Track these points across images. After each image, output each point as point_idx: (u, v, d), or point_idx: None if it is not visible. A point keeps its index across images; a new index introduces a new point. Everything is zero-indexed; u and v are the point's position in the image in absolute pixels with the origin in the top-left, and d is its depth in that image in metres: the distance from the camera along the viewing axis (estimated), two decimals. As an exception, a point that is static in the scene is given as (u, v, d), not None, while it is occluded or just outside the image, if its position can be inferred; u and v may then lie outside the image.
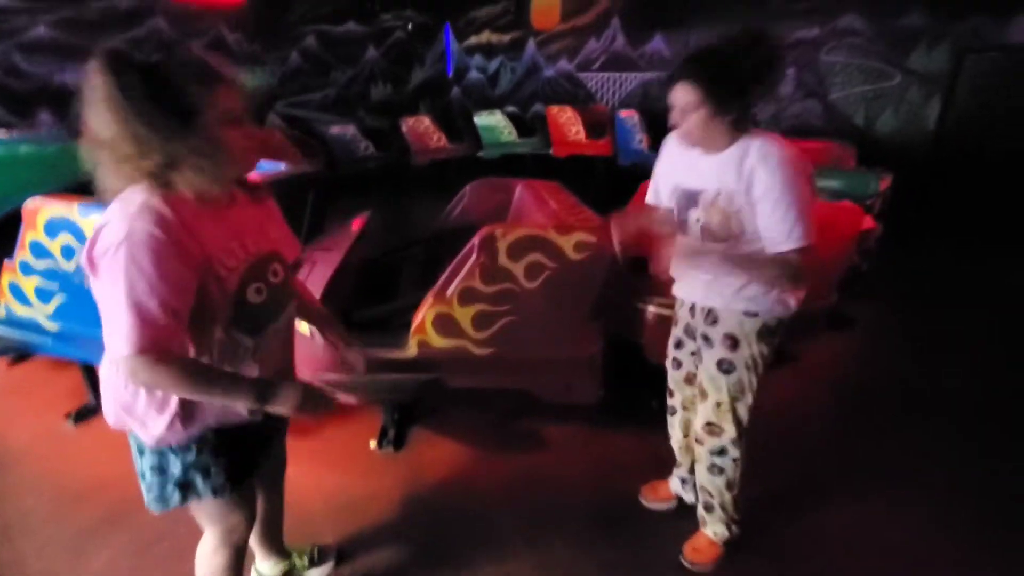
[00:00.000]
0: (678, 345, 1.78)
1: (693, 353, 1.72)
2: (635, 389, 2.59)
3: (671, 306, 2.32)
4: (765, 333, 1.51)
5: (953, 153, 6.08)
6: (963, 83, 5.97)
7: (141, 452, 1.14)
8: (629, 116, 7.24)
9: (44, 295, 2.20)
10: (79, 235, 2.01)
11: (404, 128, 7.92)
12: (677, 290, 1.72)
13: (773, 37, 1.38)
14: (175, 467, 1.12)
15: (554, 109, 8.02)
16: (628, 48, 8.81)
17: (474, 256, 1.93)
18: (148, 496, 1.16)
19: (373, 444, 2.33)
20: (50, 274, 2.15)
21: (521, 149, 8.32)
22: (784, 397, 2.69)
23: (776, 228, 1.32)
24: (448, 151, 8.17)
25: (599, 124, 7.77)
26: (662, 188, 1.63)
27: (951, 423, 2.54)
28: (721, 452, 1.65)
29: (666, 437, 1.96)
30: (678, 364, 1.81)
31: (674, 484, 2.01)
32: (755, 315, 1.50)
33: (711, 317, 1.58)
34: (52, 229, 2.07)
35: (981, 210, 5.66)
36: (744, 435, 1.63)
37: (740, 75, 1.35)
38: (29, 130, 6.00)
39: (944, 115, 6.12)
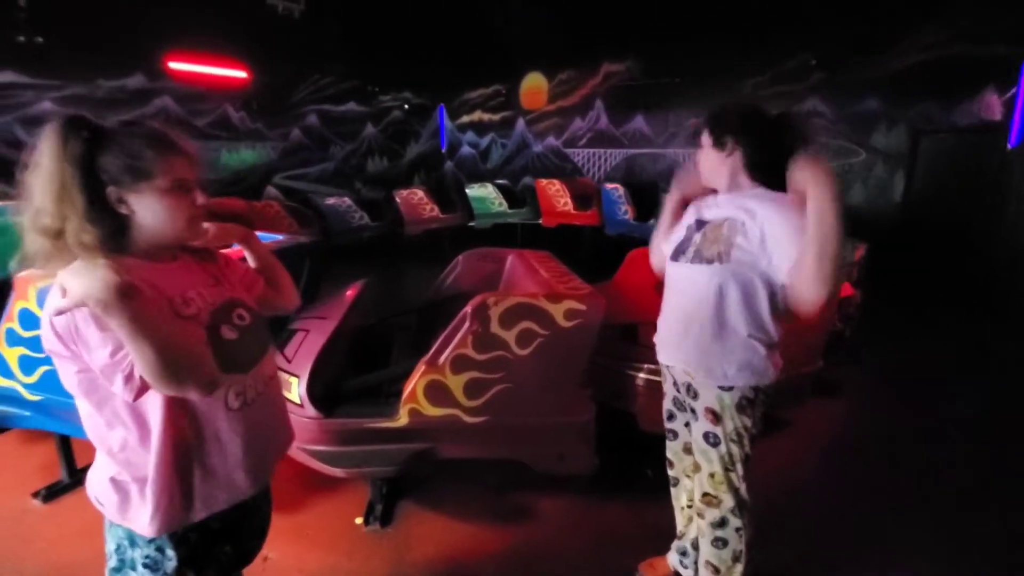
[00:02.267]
0: (670, 417, 1.78)
1: (686, 424, 1.72)
2: (630, 458, 2.55)
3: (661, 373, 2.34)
4: (744, 405, 1.51)
5: (919, 224, 6.42)
6: (921, 161, 6.43)
7: (133, 543, 1.06)
8: (614, 188, 7.58)
9: (28, 365, 2.16)
10: (73, 304, 2.01)
11: (398, 199, 8.18)
12: (660, 355, 1.72)
13: (800, 121, 1.56)
14: (170, 563, 1.06)
15: (543, 181, 8.38)
16: (611, 127, 9.38)
17: (467, 324, 1.95)
18: None
19: (359, 520, 2.23)
20: (37, 344, 2.12)
21: (512, 219, 8.59)
22: (778, 464, 2.64)
23: (794, 246, 1.36)
24: (441, 221, 8.40)
25: (586, 196, 8.10)
26: (681, 226, 1.71)
27: (937, 485, 2.52)
28: (722, 523, 1.61)
29: (664, 507, 1.92)
30: (674, 435, 1.80)
31: (672, 559, 1.94)
32: (730, 389, 1.50)
33: (691, 391, 1.59)
34: (44, 299, 2.08)
35: (947, 275, 5.90)
36: (744, 505, 1.60)
37: (748, 128, 1.51)
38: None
39: (908, 189, 6.52)
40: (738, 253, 1.43)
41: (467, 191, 8.81)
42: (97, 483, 1.08)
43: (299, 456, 2.08)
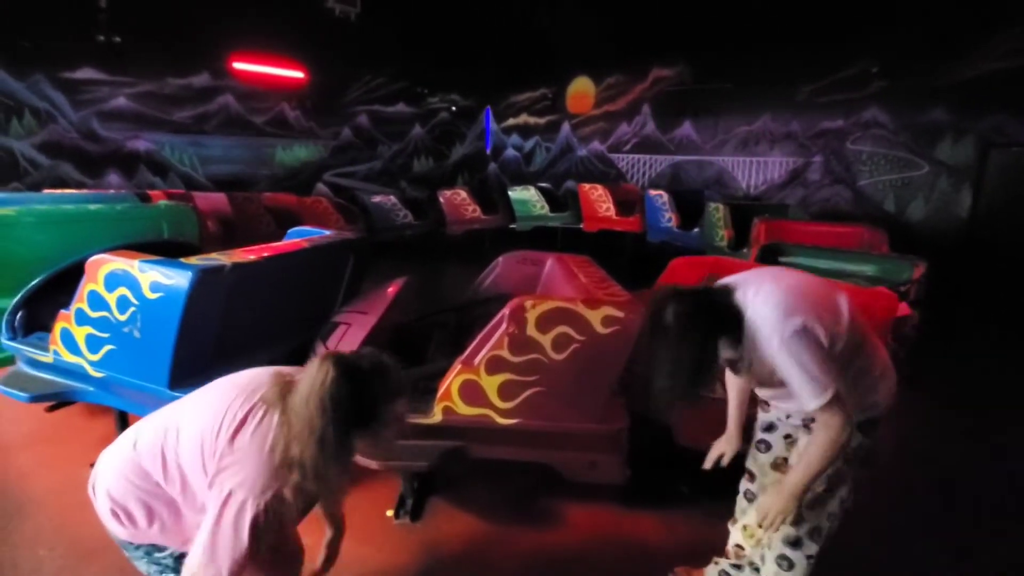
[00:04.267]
0: (768, 428, 1.70)
1: (787, 436, 1.63)
2: (663, 472, 2.49)
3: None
4: (866, 426, 1.48)
5: (986, 242, 6.01)
6: (991, 175, 6.01)
7: (157, 550, 1.24)
8: (658, 195, 7.45)
9: (94, 344, 2.31)
10: (136, 289, 2.14)
11: (441, 199, 8.31)
12: (759, 393, 1.66)
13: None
14: (166, 560, 1.23)
15: (586, 186, 8.33)
16: (658, 133, 9.22)
17: (504, 326, 1.96)
18: None
19: (390, 513, 2.28)
20: (103, 324, 2.27)
21: (553, 223, 8.58)
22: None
23: (802, 393, 1.31)
24: (482, 222, 8.48)
25: (629, 202, 8.01)
26: None
27: (995, 518, 2.35)
28: (796, 543, 1.53)
29: (697, 524, 1.86)
30: (767, 447, 1.71)
31: (710, 573, 1.88)
32: None
33: (805, 419, 1.56)
34: (112, 282, 2.21)
35: (1015, 297, 5.49)
36: (823, 532, 1.53)
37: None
38: (99, 190, 6.52)
39: (975, 205, 6.11)
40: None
41: (509, 193, 8.86)
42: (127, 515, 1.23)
43: (336, 446, 2.14)
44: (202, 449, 1.13)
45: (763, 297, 1.37)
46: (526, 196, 8.71)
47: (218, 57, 7.95)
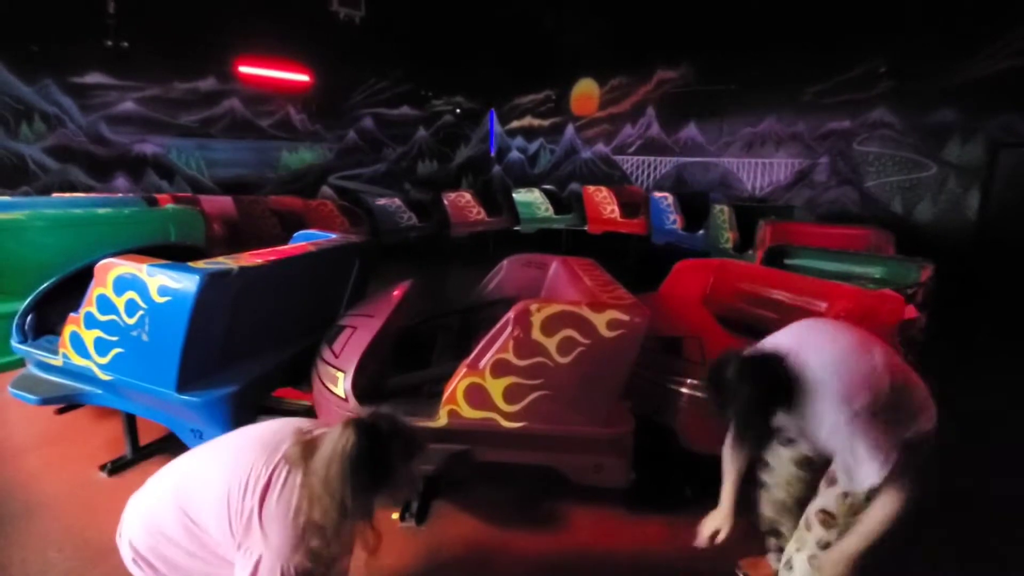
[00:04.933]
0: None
1: None
2: (668, 475, 2.49)
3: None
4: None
5: (995, 243, 5.95)
6: (1000, 176, 5.95)
7: None
8: (663, 197, 7.43)
9: (103, 347, 2.33)
10: (144, 293, 2.16)
11: (446, 201, 8.32)
12: None
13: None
14: None
15: (590, 188, 8.32)
16: (662, 134, 9.21)
17: (509, 329, 1.97)
18: None
19: (395, 516, 2.28)
20: (112, 327, 2.29)
21: (557, 225, 8.58)
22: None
23: (867, 473, 1.36)
24: (486, 224, 8.49)
25: (634, 204, 7.99)
26: None
27: (987, 529, 2.32)
28: (827, 546, 1.53)
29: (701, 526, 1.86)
30: (791, 441, 1.74)
31: (774, 561, 1.91)
32: None
33: None
34: (120, 286, 2.23)
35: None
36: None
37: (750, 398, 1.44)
38: (107, 194, 6.57)
39: (984, 206, 6.06)
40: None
41: (514, 196, 8.87)
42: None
43: (341, 449, 2.15)
44: (228, 507, 1.17)
45: (824, 370, 1.39)
46: (530, 198, 8.72)
47: (224, 61, 8.01)
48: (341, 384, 2.09)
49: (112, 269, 2.25)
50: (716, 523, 1.73)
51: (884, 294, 2.82)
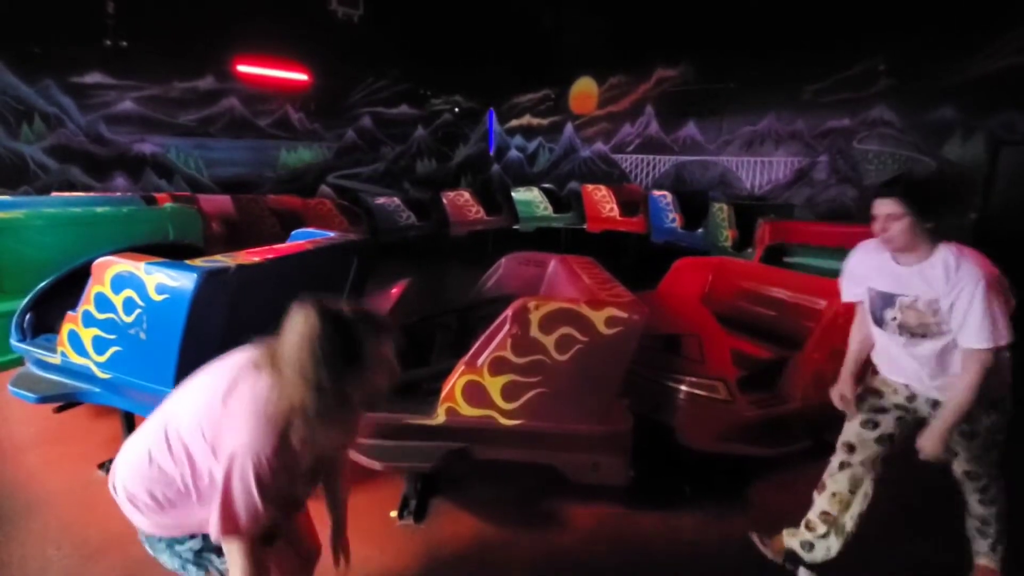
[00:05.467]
0: (880, 411, 1.86)
1: (899, 418, 1.82)
2: (667, 473, 2.49)
3: (705, 387, 2.28)
4: (988, 406, 1.70)
5: (996, 241, 5.94)
6: (1001, 173, 5.95)
7: (178, 542, 1.26)
8: (662, 195, 7.43)
9: (101, 345, 2.33)
10: (142, 291, 2.16)
11: (445, 200, 8.32)
12: (892, 376, 1.84)
13: (956, 176, 1.72)
14: (187, 553, 1.24)
15: (589, 187, 8.32)
16: (661, 133, 9.21)
17: (507, 327, 1.96)
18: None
19: (393, 514, 2.28)
20: (109, 325, 2.28)
21: (556, 224, 8.57)
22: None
23: (973, 330, 1.56)
24: (486, 223, 8.49)
25: (633, 202, 7.99)
26: (855, 286, 1.88)
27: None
28: (984, 489, 1.84)
29: (702, 525, 1.87)
30: (875, 425, 1.85)
31: (792, 542, 1.97)
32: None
33: (938, 404, 1.73)
34: (118, 284, 2.23)
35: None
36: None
37: (932, 196, 1.68)
38: (106, 192, 6.58)
39: (985, 203, 6.06)
40: (940, 327, 1.63)
41: (513, 194, 8.86)
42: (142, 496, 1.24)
43: (339, 447, 2.15)
44: (201, 421, 1.15)
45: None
46: (529, 197, 8.71)
47: (223, 60, 8.01)
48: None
49: (110, 267, 2.24)
50: (839, 389, 1.90)
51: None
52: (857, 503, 1.84)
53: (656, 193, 7.55)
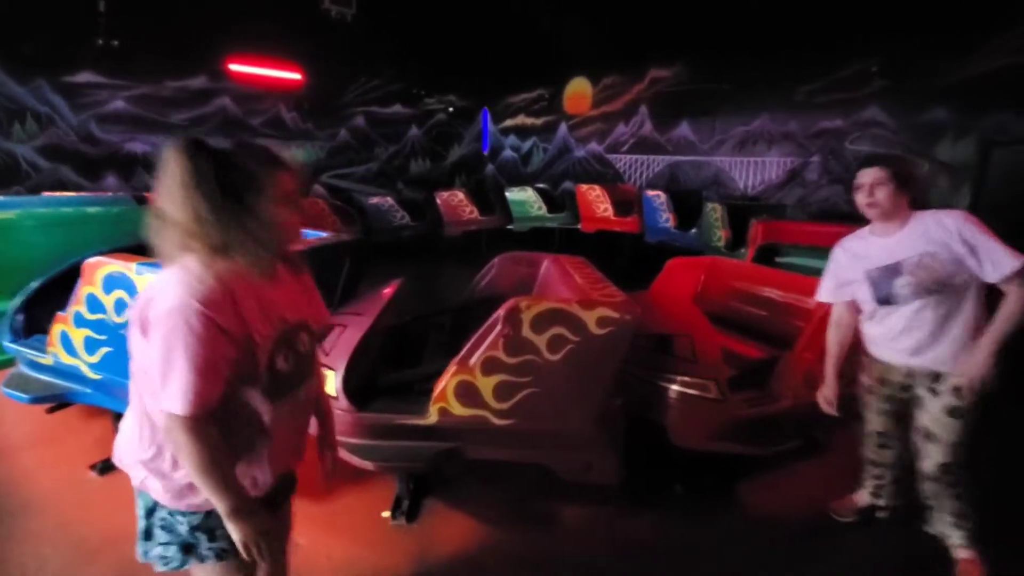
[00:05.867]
0: (890, 399, 2.02)
1: (905, 400, 1.97)
2: (659, 472, 2.50)
3: (697, 386, 2.29)
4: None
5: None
6: (992, 174, 6.01)
7: (150, 511, 1.16)
8: (656, 196, 7.46)
9: (92, 346, 2.32)
10: (133, 292, 2.15)
11: (439, 200, 8.31)
12: (889, 355, 1.95)
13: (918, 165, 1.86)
14: (182, 527, 1.14)
15: (583, 187, 8.34)
16: (655, 133, 9.24)
17: (499, 327, 1.97)
18: (149, 553, 1.16)
19: (386, 514, 2.28)
20: (100, 326, 2.28)
21: (550, 223, 8.59)
22: (813, 491, 2.53)
23: (996, 258, 1.68)
24: (480, 223, 8.49)
25: (627, 202, 8.01)
26: (843, 283, 1.98)
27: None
28: (956, 484, 1.92)
29: (693, 524, 1.89)
30: (889, 414, 2.06)
31: (865, 497, 2.24)
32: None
33: (935, 377, 1.85)
34: (109, 284, 2.23)
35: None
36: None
37: (908, 168, 1.83)
38: (97, 192, 6.54)
39: (975, 204, 6.12)
40: (953, 279, 1.72)
41: (507, 194, 8.87)
42: (127, 450, 1.17)
43: (332, 447, 2.15)
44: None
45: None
46: (524, 197, 8.72)
47: (215, 59, 7.97)
48: (331, 382, 2.09)
49: (101, 268, 2.24)
50: (824, 393, 2.05)
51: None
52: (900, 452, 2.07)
53: (650, 193, 7.58)
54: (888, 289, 1.82)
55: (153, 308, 1.01)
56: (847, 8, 6.71)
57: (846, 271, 1.96)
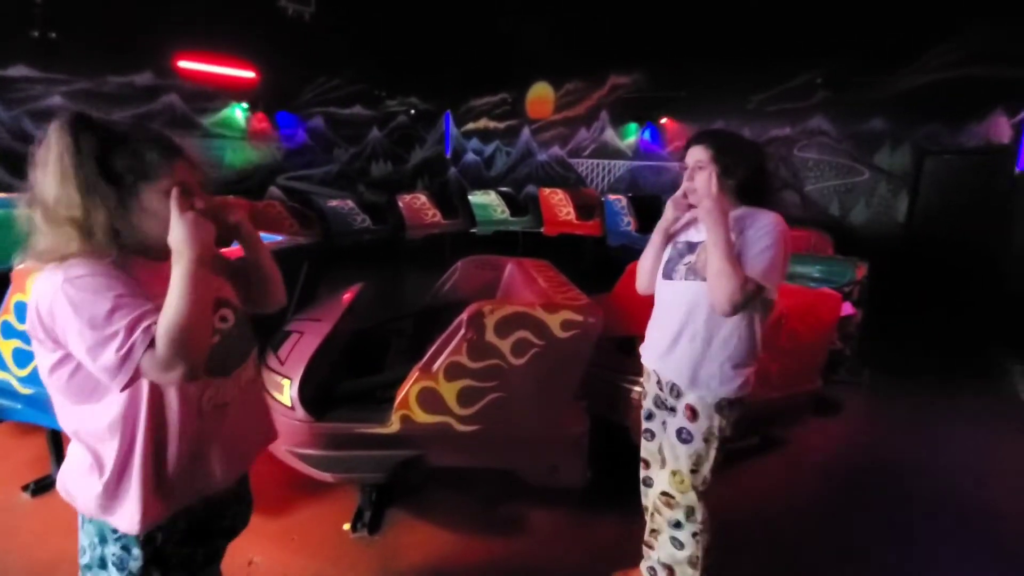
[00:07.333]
0: (649, 417, 1.82)
1: (664, 423, 1.73)
2: (624, 473, 2.52)
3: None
4: (723, 407, 1.58)
5: (922, 243, 6.42)
6: (925, 181, 6.43)
7: (103, 540, 1.06)
8: (617, 200, 7.59)
9: (22, 358, 2.15)
10: (68, 299, 2.01)
11: (401, 204, 8.19)
12: (646, 359, 1.77)
13: (768, 154, 1.70)
14: (135, 562, 1.05)
15: (546, 191, 8.39)
16: (616, 138, 9.41)
17: (462, 331, 1.94)
18: None
19: (347, 527, 2.21)
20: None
21: (513, 227, 8.60)
22: (771, 483, 2.62)
23: (752, 263, 1.46)
24: (442, 227, 8.41)
25: (589, 206, 8.11)
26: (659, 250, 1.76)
27: (922, 509, 2.48)
28: (677, 525, 1.65)
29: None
30: (651, 435, 1.82)
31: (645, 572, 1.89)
32: (713, 391, 1.58)
33: (675, 391, 1.64)
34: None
35: (951, 295, 5.89)
36: (697, 510, 1.63)
37: (742, 153, 1.59)
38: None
39: (912, 209, 6.52)
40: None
41: (470, 198, 8.83)
42: (71, 478, 1.07)
43: (288, 459, 2.06)
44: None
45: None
46: (487, 200, 8.70)
47: (162, 55, 7.60)
48: (287, 392, 2.01)
49: (32, 274, 2.08)
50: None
51: (824, 292, 2.96)
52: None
53: (612, 197, 7.70)
54: (674, 266, 1.65)
55: (43, 309, 0.90)
56: (796, 21, 7.02)
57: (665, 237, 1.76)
